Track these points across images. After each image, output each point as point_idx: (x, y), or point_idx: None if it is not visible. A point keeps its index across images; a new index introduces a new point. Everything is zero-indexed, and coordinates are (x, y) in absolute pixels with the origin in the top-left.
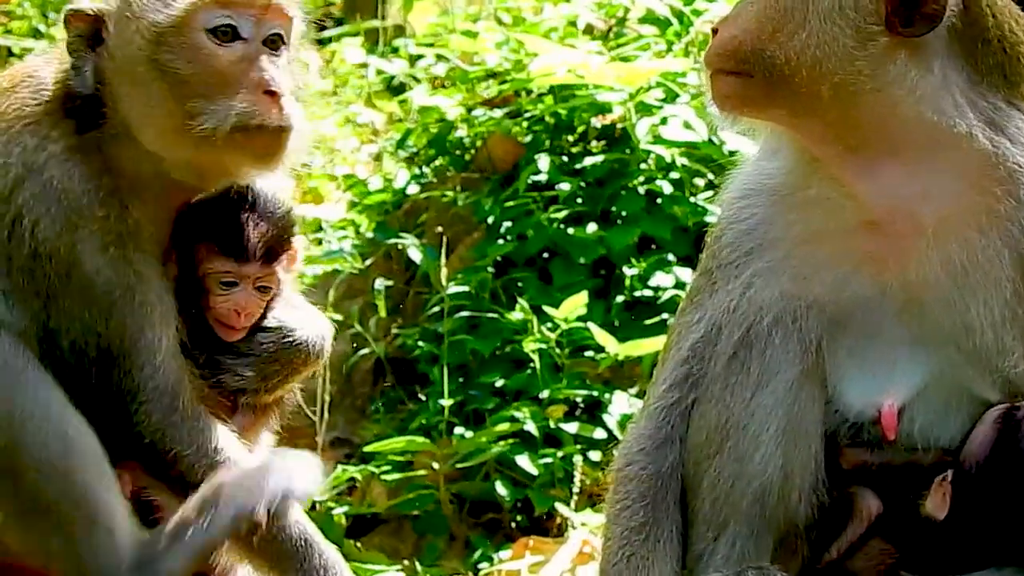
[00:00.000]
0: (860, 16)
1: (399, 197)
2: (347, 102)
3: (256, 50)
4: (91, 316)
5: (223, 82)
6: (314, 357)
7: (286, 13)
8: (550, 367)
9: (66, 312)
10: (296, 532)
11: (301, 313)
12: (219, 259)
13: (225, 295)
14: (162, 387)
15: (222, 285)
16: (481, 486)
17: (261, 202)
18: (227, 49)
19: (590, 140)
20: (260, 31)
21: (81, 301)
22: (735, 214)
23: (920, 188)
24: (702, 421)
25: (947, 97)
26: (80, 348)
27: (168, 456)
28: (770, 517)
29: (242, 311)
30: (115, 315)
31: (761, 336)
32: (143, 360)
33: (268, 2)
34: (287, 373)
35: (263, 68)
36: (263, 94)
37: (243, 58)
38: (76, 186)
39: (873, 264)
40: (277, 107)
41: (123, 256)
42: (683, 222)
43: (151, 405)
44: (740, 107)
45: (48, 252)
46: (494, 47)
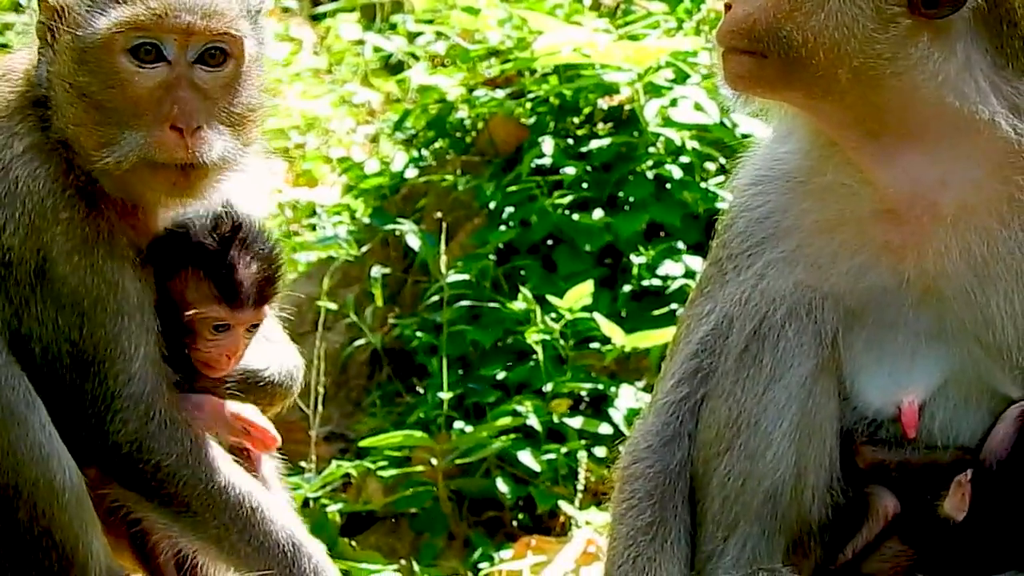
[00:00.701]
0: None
1: (397, 181)
2: (342, 81)
3: (179, 74)
4: (63, 323)
5: (135, 111)
6: (280, 396)
7: (223, 30)
8: (554, 359)
9: (37, 318)
10: (284, 537)
11: (272, 349)
12: (213, 304)
13: (216, 340)
14: (137, 395)
15: (214, 330)
16: (481, 483)
17: (251, 237)
18: (147, 73)
19: (596, 122)
20: (187, 52)
21: (52, 307)
22: (747, 201)
23: (940, 175)
24: (712, 417)
25: (970, 81)
26: (53, 355)
27: (148, 466)
28: (782, 517)
29: (232, 356)
30: (88, 322)
31: (774, 329)
32: (118, 368)
33: (189, 24)
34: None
35: (177, 98)
36: (170, 129)
37: (162, 83)
38: (40, 187)
39: (891, 254)
40: (183, 143)
41: (92, 263)
42: (693, 208)
43: (127, 413)
44: (753, 88)
45: (16, 257)
46: (496, 24)
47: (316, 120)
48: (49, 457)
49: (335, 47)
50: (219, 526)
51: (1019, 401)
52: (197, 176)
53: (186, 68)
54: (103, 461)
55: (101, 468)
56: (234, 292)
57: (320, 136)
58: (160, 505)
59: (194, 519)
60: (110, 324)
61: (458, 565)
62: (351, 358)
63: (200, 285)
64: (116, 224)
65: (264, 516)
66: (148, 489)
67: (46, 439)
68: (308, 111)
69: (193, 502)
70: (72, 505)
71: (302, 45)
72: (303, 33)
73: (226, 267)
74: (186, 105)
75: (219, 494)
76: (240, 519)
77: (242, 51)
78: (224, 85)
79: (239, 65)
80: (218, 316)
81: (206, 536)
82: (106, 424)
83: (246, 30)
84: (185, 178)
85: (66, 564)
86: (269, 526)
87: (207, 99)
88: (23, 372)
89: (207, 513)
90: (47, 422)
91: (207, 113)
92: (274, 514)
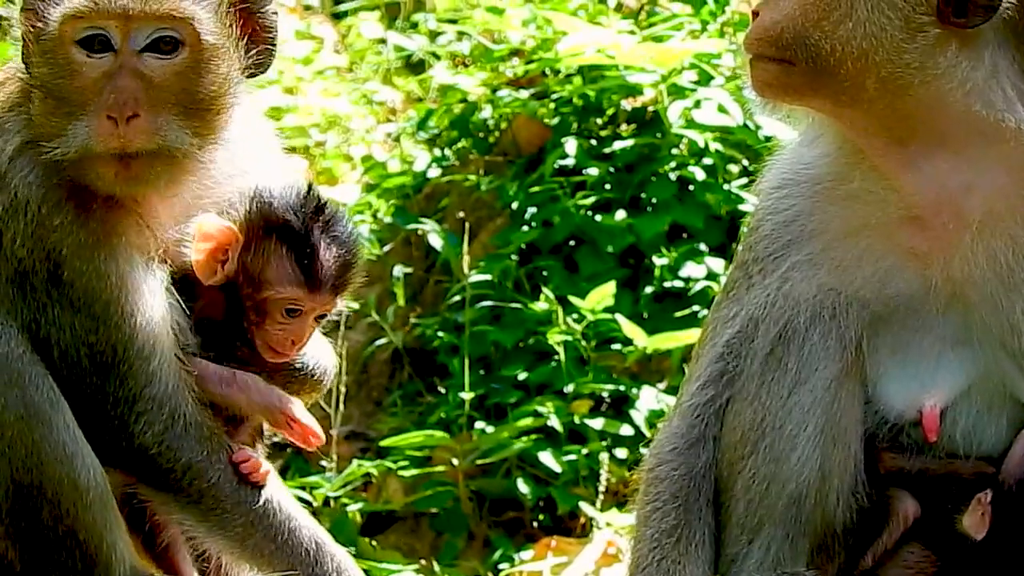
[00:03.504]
0: (909, 6)
1: (419, 180)
2: (363, 79)
3: (122, 62)
4: (79, 326)
5: (81, 101)
6: (311, 388)
7: (164, 13)
8: (575, 360)
9: (55, 323)
10: (307, 536)
11: (313, 343)
12: (292, 286)
13: (285, 324)
14: (161, 396)
15: (286, 313)
16: (502, 483)
17: (334, 218)
18: (92, 62)
19: (620, 123)
20: (131, 39)
21: (68, 312)
22: (773, 205)
23: (966, 182)
24: (736, 420)
25: (997, 90)
26: (73, 359)
27: (177, 466)
28: (806, 521)
29: (297, 341)
30: (102, 325)
31: (799, 332)
32: (137, 369)
33: (125, 8)
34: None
35: (114, 87)
36: (106, 118)
37: (106, 72)
38: (33, 194)
39: (917, 259)
40: (116, 132)
41: (96, 264)
42: (716, 210)
43: (151, 415)
44: (781, 95)
45: (28, 267)
46: (520, 25)
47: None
48: (73, 456)
49: (356, 45)
50: (244, 525)
51: None
52: (140, 165)
53: (130, 56)
54: (129, 463)
55: (126, 469)
56: (315, 276)
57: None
58: (188, 505)
59: (220, 518)
60: (124, 325)
61: (478, 565)
62: (372, 357)
63: (281, 264)
64: (116, 222)
65: (288, 515)
66: (175, 489)
67: (70, 439)
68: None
69: (220, 501)
70: (96, 504)
71: (323, 43)
72: (324, 31)
73: (310, 247)
74: (122, 93)
75: (247, 495)
76: (265, 518)
77: (196, 36)
78: (177, 73)
79: (194, 52)
80: (295, 298)
81: (232, 535)
82: (130, 426)
83: (197, 14)
84: (125, 167)
85: (90, 563)
86: (293, 525)
87: (154, 87)
88: (47, 372)
89: (234, 512)
90: (71, 422)
91: (150, 101)
92: (297, 514)
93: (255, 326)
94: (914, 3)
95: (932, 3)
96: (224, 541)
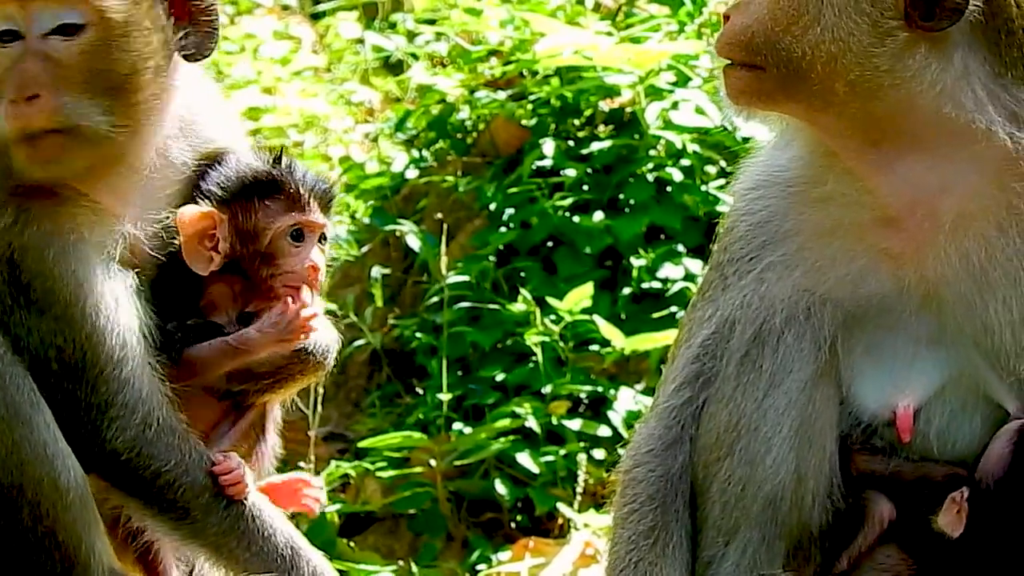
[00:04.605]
0: (877, 11)
1: (397, 181)
2: (341, 79)
3: (26, 47)
4: (45, 328)
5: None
6: (315, 367)
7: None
8: (553, 361)
9: (22, 325)
10: (282, 542)
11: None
12: (283, 214)
13: (297, 250)
14: (132, 401)
15: (292, 241)
16: (480, 484)
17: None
18: (3, 52)
19: (597, 125)
20: (33, 24)
21: (33, 314)
22: (747, 206)
23: (939, 182)
24: (712, 422)
25: (967, 91)
26: (42, 362)
27: (147, 473)
28: (782, 522)
29: (316, 267)
30: (67, 327)
31: (774, 333)
32: (108, 374)
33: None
34: (281, 377)
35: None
36: (10, 102)
37: (15, 59)
38: None
39: (890, 260)
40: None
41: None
42: (694, 211)
43: (123, 421)
44: (755, 102)
45: None
46: (498, 26)
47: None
48: (54, 457)
49: (334, 45)
50: (218, 533)
51: (1014, 417)
52: (49, 146)
53: (35, 41)
54: (102, 467)
55: (101, 474)
56: (299, 195)
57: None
58: (160, 512)
59: (193, 526)
60: (88, 327)
61: (456, 566)
62: (351, 358)
63: (267, 205)
64: (65, 218)
65: (263, 522)
66: (147, 496)
67: (51, 439)
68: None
69: (192, 509)
70: (76, 505)
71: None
72: (302, 31)
73: (284, 178)
74: (23, 76)
75: (218, 501)
76: (240, 526)
77: (100, 15)
78: (83, 52)
79: (100, 31)
80: (292, 222)
81: (206, 542)
82: (103, 432)
83: None
84: (34, 149)
85: (69, 565)
86: (268, 531)
87: (60, 68)
88: (27, 372)
89: (206, 520)
90: (51, 422)
91: (54, 82)
92: (273, 519)
93: (272, 278)
94: (881, 7)
95: (900, 7)
96: (198, 547)
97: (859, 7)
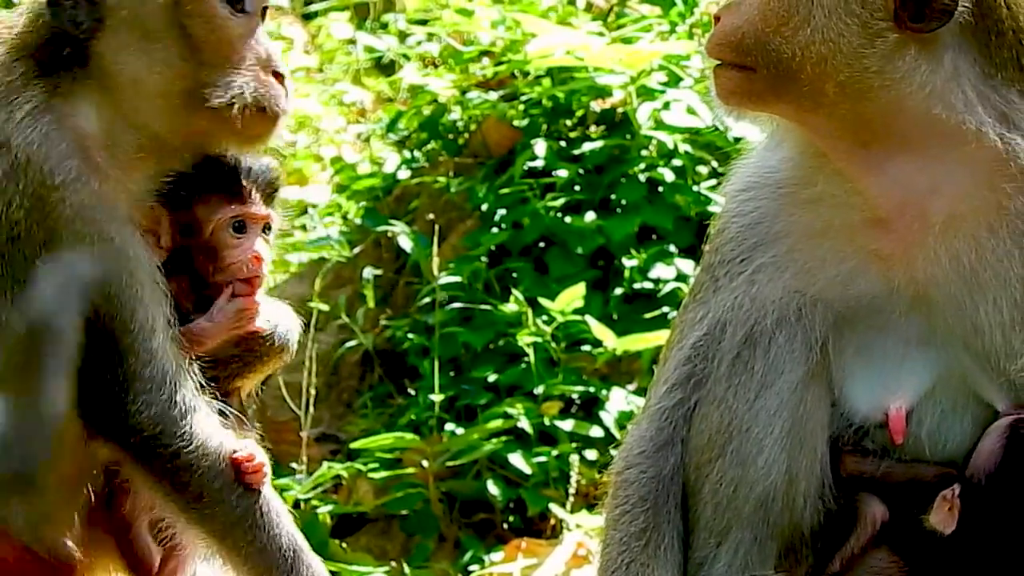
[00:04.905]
0: (867, 12)
1: (389, 182)
2: (333, 80)
3: (256, 23)
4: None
5: (235, 54)
6: (277, 352)
7: None
8: (545, 362)
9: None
10: (286, 542)
11: (270, 307)
12: (223, 206)
13: (239, 241)
14: (160, 377)
15: (233, 233)
16: (472, 485)
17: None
18: (238, 19)
19: (589, 125)
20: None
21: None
22: (738, 208)
23: (929, 184)
24: (704, 423)
25: (957, 92)
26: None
27: (166, 452)
28: (774, 524)
29: (259, 257)
30: (101, 297)
31: (765, 334)
32: (138, 346)
33: None
34: (247, 362)
35: (269, 45)
36: (272, 75)
37: (249, 30)
38: (44, 157)
39: (880, 261)
40: (284, 91)
41: (100, 232)
42: (685, 211)
43: (149, 396)
44: (745, 102)
45: (21, 233)
46: (490, 26)
47: (307, 119)
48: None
49: (326, 46)
50: (226, 522)
51: (1004, 414)
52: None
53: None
54: (122, 438)
55: (120, 444)
56: (238, 184)
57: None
58: (173, 491)
59: (202, 512)
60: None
61: (448, 567)
62: (343, 359)
63: (209, 198)
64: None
65: (271, 519)
66: (163, 473)
67: None
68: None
69: (206, 494)
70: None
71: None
72: (294, 32)
73: (223, 168)
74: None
75: (232, 489)
76: (249, 518)
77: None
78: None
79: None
80: (232, 214)
81: (212, 529)
82: (127, 405)
83: None
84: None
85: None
86: (274, 529)
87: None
88: None
89: (217, 507)
90: None
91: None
92: (281, 518)
93: (217, 270)
94: (871, 9)
95: (889, 9)
96: (204, 534)
97: (849, 8)
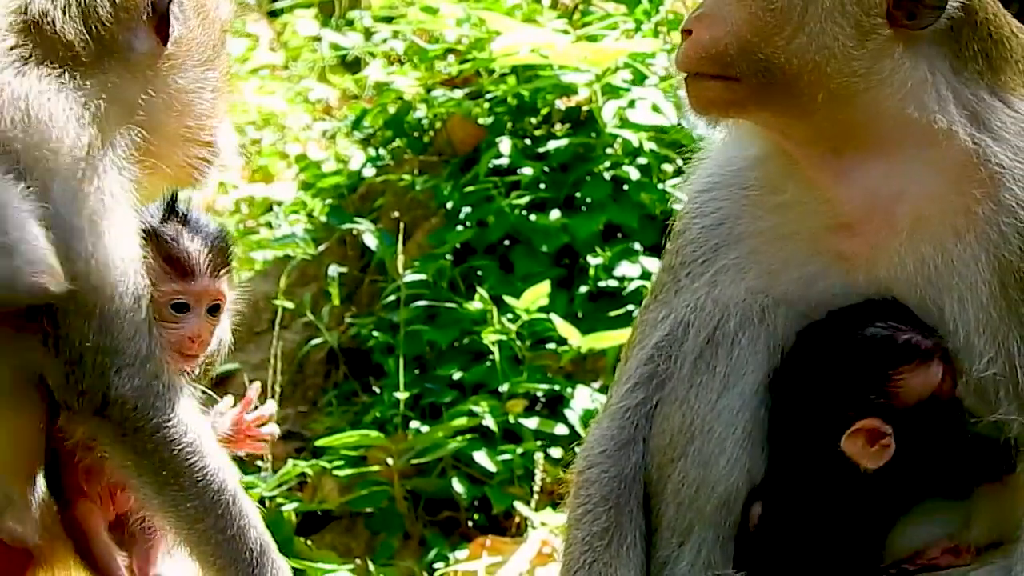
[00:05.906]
0: (862, 11)
1: (354, 180)
2: (299, 77)
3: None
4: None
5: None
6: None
7: None
8: (510, 360)
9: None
10: (254, 537)
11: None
12: (166, 281)
13: (177, 323)
14: (143, 353)
15: (173, 310)
16: (437, 483)
17: (190, 213)
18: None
19: (554, 123)
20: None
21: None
22: (699, 208)
23: (898, 187)
24: (666, 423)
25: (931, 90)
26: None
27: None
28: (736, 523)
29: (196, 339)
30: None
31: (728, 335)
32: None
33: None
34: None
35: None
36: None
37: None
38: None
39: (844, 262)
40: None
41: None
42: (650, 209)
43: (133, 370)
44: (724, 111)
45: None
46: (455, 24)
47: (272, 116)
48: None
49: (292, 43)
50: (199, 507)
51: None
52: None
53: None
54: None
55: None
56: (184, 264)
57: (276, 132)
58: (148, 470)
59: (176, 493)
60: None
61: (413, 565)
62: (308, 357)
63: (155, 266)
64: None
65: (242, 512)
66: (142, 451)
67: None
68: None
69: (183, 475)
70: None
71: (259, 41)
72: (260, 29)
73: (171, 240)
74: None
75: (210, 475)
76: (220, 507)
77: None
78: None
79: None
80: (172, 291)
81: (183, 513)
82: (109, 377)
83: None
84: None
85: None
86: (244, 523)
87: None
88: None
89: (192, 490)
90: None
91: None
92: (251, 514)
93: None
94: (866, 7)
95: (883, 7)
96: (174, 518)
97: (843, 9)
